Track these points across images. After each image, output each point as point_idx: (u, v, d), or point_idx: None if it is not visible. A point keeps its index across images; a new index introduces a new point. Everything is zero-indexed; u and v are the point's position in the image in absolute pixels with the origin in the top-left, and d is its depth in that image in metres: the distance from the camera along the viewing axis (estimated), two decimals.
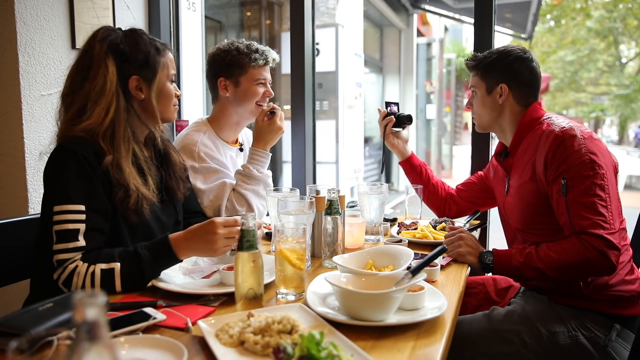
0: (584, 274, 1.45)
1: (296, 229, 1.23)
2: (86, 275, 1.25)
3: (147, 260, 1.29)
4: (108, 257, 1.29)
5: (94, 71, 1.41)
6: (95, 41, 1.43)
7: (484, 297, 1.87)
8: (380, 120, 2.17)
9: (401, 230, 1.89)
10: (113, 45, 1.43)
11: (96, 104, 1.39)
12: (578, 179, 1.44)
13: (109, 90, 1.40)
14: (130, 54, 1.44)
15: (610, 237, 1.37)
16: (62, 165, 1.34)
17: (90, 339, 0.54)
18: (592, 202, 1.41)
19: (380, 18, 8.98)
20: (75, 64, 1.46)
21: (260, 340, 0.93)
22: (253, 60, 1.92)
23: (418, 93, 10.89)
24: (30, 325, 0.94)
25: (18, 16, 2.06)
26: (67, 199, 1.31)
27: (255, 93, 1.96)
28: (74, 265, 1.27)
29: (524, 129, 1.65)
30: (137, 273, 1.28)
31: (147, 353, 0.92)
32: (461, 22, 11.29)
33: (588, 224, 1.39)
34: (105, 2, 2.46)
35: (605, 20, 15.32)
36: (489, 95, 1.72)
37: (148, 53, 1.46)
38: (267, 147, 1.90)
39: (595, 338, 1.47)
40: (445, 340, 1.02)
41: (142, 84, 1.47)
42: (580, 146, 1.46)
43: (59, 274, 1.28)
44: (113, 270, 1.27)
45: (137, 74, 1.46)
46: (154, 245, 1.33)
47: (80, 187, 1.33)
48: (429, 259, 1.19)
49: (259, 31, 6.30)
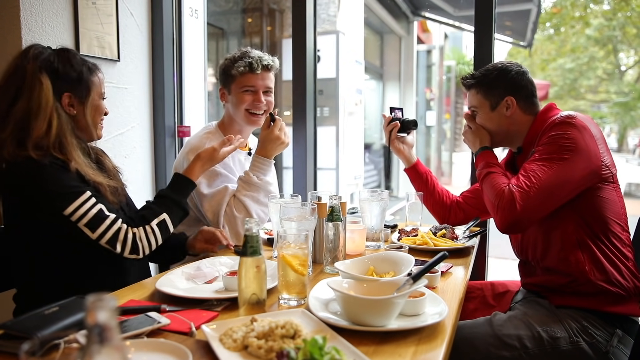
0: (492, 214, 1.57)
1: (298, 235, 1.25)
2: (148, 235, 1.48)
3: (177, 198, 1.60)
4: (153, 213, 1.53)
5: (28, 88, 1.43)
6: (28, 58, 1.45)
7: (481, 301, 1.88)
8: (385, 125, 2.18)
9: (402, 237, 1.90)
10: (46, 63, 1.46)
11: (37, 119, 1.42)
12: (540, 153, 1.54)
13: (47, 105, 1.43)
14: (64, 71, 1.48)
15: (520, 200, 1.47)
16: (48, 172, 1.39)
17: (101, 342, 0.55)
18: (533, 170, 1.50)
19: (381, 25, 9.02)
20: (4, 81, 1.46)
21: (264, 345, 0.94)
22: (236, 67, 1.96)
23: (418, 100, 10.92)
24: (37, 328, 0.95)
25: (23, 23, 2.08)
26: (71, 196, 1.39)
27: (242, 100, 1.98)
28: (131, 233, 1.45)
29: (539, 126, 1.67)
30: (178, 210, 1.59)
31: (152, 356, 0.93)
32: (461, 29, 11.35)
33: (515, 182, 1.52)
34: (109, 9, 2.49)
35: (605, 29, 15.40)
36: (493, 111, 1.75)
37: (81, 71, 1.51)
38: (269, 155, 1.91)
39: (596, 344, 1.48)
40: (445, 346, 1.03)
41: (73, 101, 1.51)
42: (564, 131, 1.52)
43: (121, 248, 1.43)
44: (164, 220, 1.54)
45: (69, 91, 1.50)
46: (173, 184, 1.65)
47: (72, 182, 1.41)
48: (429, 265, 1.20)
49: (260, 38, 6.33)
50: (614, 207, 1.57)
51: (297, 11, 2.62)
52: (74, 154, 1.45)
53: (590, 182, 1.53)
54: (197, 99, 3.18)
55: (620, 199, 1.61)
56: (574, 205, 1.55)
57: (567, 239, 1.56)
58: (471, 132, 1.82)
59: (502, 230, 1.55)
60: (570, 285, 1.56)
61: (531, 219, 1.51)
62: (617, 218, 1.57)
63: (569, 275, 1.55)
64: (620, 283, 1.51)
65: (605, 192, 1.56)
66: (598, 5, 15.78)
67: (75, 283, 1.48)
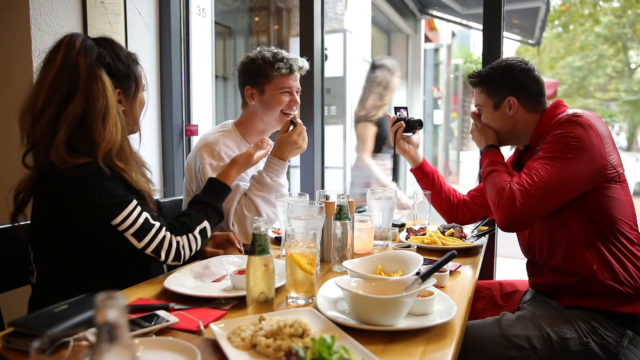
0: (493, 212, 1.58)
1: (306, 233, 1.25)
2: (190, 243, 1.48)
3: (214, 203, 1.60)
4: (195, 220, 1.52)
5: (84, 85, 1.33)
6: (75, 51, 1.35)
7: (489, 300, 1.87)
8: (390, 126, 2.16)
9: (410, 236, 1.89)
10: (99, 56, 1.38)
11: (104, 122, 1.34)
12: (544, 151, 1.54)
13: (113, 106, 1.36)
14: (115, 66, 1.41)
15: (520, 198, 1.46)
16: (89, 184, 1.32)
17: (110, 340, 0.55)
18: (536, 169, 1.50)
19: (388, 24, 8.99)
20: (53, 77, 1.34)
21: (272, 344, 0.94)
22: (276, 69, 1.95)
23: (425, 98, 10.88)
24: (47, 326, 0.96)
25: (33, 22, 2.10)
26: (120, 206, 1.35)
27: (279, 101, 1.98)
28: (175, 242, 1.43)
29: (546, 123, 1.66)
30: (215, 215, 1.59)
31: (161, 355, 0.93)
32: (469, 28, 11.29)
33: (517, 180, 1.52)
34: (118, 8, 2.49)
35: (614, 26, 15.25)
36: (496, 110, 1.74)
37: (128, 64, 1.46)
38: (285, 158, 1.90)
39: (606, 345, 1.47)
40: (454, 345, 1.03)
41: (122, 97, 1.46)
42: (569, 130, 1.51)
43: (165, 256, 1.41)
44: (205, 227, 1.54)
45: (119, 87, 1.43)
46: (209, 189, 1.64)
47: (119, 190, 1.37)
48: (438, 264, 1.20)
49: (268, 36, 6.33)
50: (622, 206, 1.55)
51: (305, 10, 2.62)
52: (131, 162, 1.42)
53: (595, 181, 1.52)
54: (205, 98, 3.19)
55: (629, 198, 1.59)
56: (579, 204, 1.54)
57: (573, 239, 1.55)
58: (477, 130, 1.83)
59: (503, 228, 1.55)
60: (578, 285, 1.55)
61: (532, 218, 1.51)
62: (625, 217, 1.55)
63: (577, 275, 1.54)
64: (629, 282, 1.50)
65: (612, 191, 1.54)
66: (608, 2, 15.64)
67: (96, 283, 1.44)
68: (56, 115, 1.33)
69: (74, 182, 1.31)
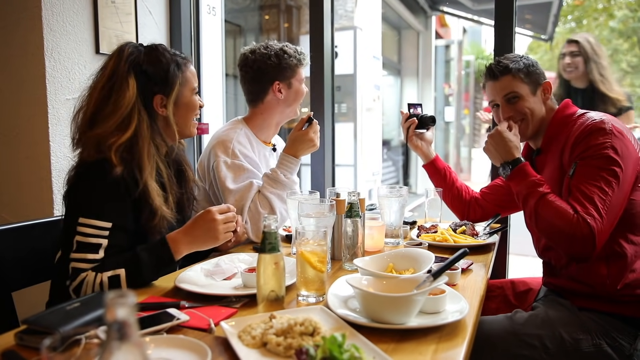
0: (559, 242, 1.46)
1: (317, 231, 1.24)
2: (94, 284, 1.30)
3: (147, 262, 1.34)
4: (113, 264, 1.33)
5: (116, 90, 1.42)
6: (121, 59, 1.45)
7: (502, 300, 1.85)
8: (403, 122, 2.15)
9: (421, 234, 1.88)
10: (135, 63, 1.46)
11: (111, 116, 1.40)
12: (588, 167, 1.45)
13: (126, 106, 1.41)
14: (153, 72, 1.47)
15: (597, 232, 1.37)
16: (97, 179, 1.37)
17: (120, 338, 0.55)
18: (592, 192, 1.41)
19: (399, 20, 8.96)
20: (104, 83, 1.45)
21: (283, 342, 0.94)
22: (300, 61, 2.03)
23: (436, 95, 10.83)
24: (59, 324, 0.96)
25: (45, 22, 2.11)
26: (96, 214, 1.35)
27: (303, 92, 2.09)
28: (85, 274, 1.32)
29: (558, 125, 1.63)
30: (138, 275, 1.34)
31: (171, 353, 0.93)
32: (480, 23, 11.20)
33: (582, 210, 1.40)
34: (128, 7, 2.51)
35: (629, 20, 15.01)
36: (533, 95, 1.69)
37: (168, 70, 1.49)
38: (298, 155, 1.91)
39: (619, 347, 1.45)
40: (467, 344, 1.02)
41: (165, 101, 1.50)
42: (604, 139, 1.45)
43: (71, 280, 1.32)
44: (119, 276, 1.32)
45: (160, 92, 1.49)
46: (154, 246, 1.39)
47: (111, 205, 1.37)
48: (450, 262, 1.19)
49: (278, 34, 6.34)
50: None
51: (315, 7, 2.61)
52: (146, 165, 1.41)
53: (633, 189, 1.49)
54: (215, 96, 3.20)
55: None
56: None
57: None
58: (494, 141, 1.65)
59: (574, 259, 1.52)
60: (592, 293, 1.52)
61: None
62: None
63: (592, 286, 1.52)
64: None
65: (636, 194, 1.51)
66: None
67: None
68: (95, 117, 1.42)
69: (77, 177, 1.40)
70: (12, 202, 2.27)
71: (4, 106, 2.23)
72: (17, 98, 2.20)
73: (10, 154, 2.24)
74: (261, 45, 2.03)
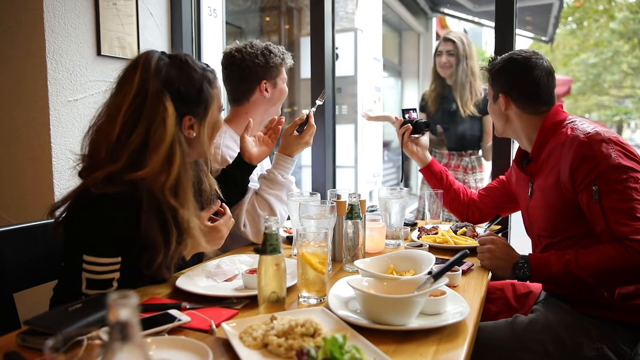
0: (628, 280, 1.41)
1: (318, 233, 1.25)
2: None
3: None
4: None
5: (149, 112, 1.24)
6: (149, 73, 1.26)
7: (503, 302, 1.85)
8: (398, 128, 2.17)
9: (422, 235, 1.88)
10: (168, 81, 1.27)
11: (155, 152, 1.23)
12: (611, 184, 1.38)
13: (170, 136, 1.24)
14: (186, 91, 1.30)
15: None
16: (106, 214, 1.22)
17: (122, 339, 0.56)
18: (631, 207, 1.34)
19: (399, 22, 8.96)
20: (130, 101, 1.24)
21: (284, 343, 0.94)
22: (284, 60, 2.06)
23: None
24: (60, 325, 0.97)
25: (47, 24, 2.12)
26: (108, 252, 1.23)
27: (286, 91, 2.11)
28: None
29: (546, 133, 1.60)
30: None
31: (173, 354, 0.94)
32: (481, 25, 11.19)
33: (629, 231, 1.32)
34: (130, 9, 2.51)
35: (630, 22, 15.01)
36: (494, 102, 1.72)
37: (201, 87, 1.33)
38: (293, 154, 1.92)
39: (621, 351, 1.44)
40: (467, 346, 1.02)
41: (194, 122, 1.33)
42: (608, 150, 1.41)
43: None
44: None
45: (190, 112, 1.32)
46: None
47: (123, 241, 1.24)
48: (450, 263, 1.19)
49: (279, 36, 6.35)
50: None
51: (315, 9, 2.62)
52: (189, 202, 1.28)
53: None
54: None
55: None
56: None
57: None
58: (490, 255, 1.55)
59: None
60: (591, 301, 1.51)
61: None
62: None
63: (591, 296, 1.51)
64: None
65: None
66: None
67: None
68: (123, 144, 1.24)
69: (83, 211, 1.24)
70: (13, 203, 2.27)
71: (5, 107, 2.23)
72: (18, 99, 2.20)
73: (11, 156, 2.25)
74: (246, 44, 2.03)
